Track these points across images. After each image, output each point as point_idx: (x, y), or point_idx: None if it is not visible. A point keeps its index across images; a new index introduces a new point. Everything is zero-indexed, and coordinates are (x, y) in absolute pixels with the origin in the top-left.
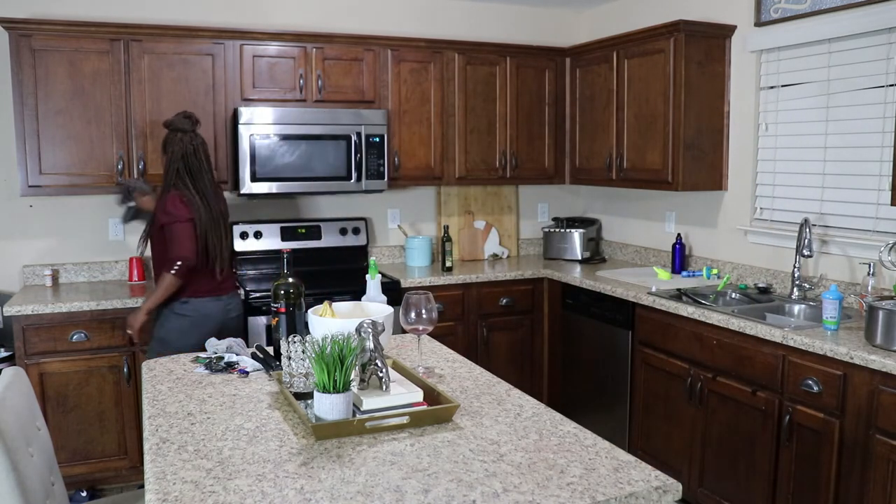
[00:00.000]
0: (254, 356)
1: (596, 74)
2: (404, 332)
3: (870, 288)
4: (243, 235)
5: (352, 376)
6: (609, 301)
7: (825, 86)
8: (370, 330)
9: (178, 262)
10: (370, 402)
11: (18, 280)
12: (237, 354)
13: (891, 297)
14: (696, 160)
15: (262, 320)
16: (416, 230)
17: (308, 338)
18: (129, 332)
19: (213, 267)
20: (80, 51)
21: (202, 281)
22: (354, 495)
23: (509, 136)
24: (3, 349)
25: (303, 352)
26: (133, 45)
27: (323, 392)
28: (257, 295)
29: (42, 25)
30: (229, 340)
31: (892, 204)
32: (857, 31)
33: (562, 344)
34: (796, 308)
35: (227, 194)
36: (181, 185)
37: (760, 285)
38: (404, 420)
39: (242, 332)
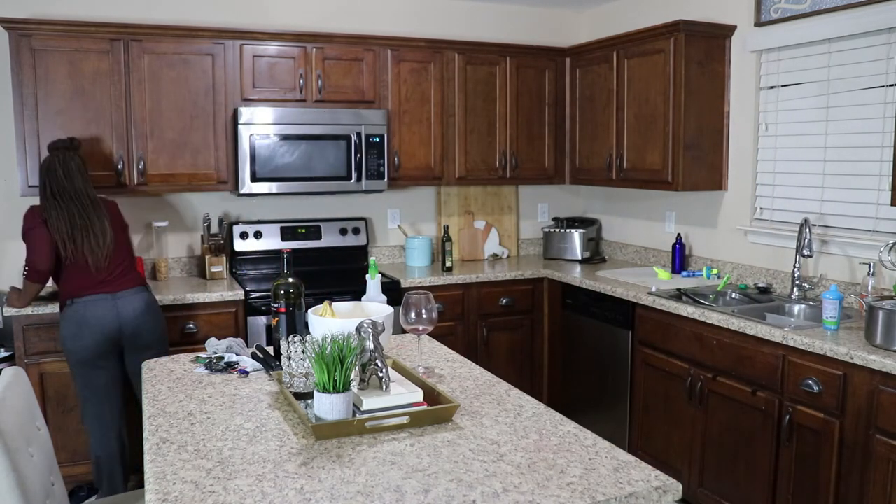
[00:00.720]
0: (254, 356)
1: (596, 74)
2: (404, 332)
3: (870, 288)
4: (243, 235)
5: (352, 376)
6: (609, 301)
7: (825, 86)
8: (370, 330)
9: (26, 267)
10: (370, 402)
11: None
12: (237, 354)
13: (891, 297)
14: (696, 160)
15: (262, 320)
16: (416, 230)
17: (308, 338)
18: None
19: (89, 265)
20: (80, 51)
21: (84, 280)
22: (354, 495)
23: (509, 136)
24: (3, 349)
25: (303, 352)
26: (133, 45)
27: (323, 392)
28: (257, 295)
29: (42, 25)
30: (229, 340)
31: (892, 204)
32: (857, 31)
33: (562, 344)
34: (796, 308)
35: (226, 194)
36: (41, 199)
37: (760, 285)
38: (404, 420)
39: (149, 334)
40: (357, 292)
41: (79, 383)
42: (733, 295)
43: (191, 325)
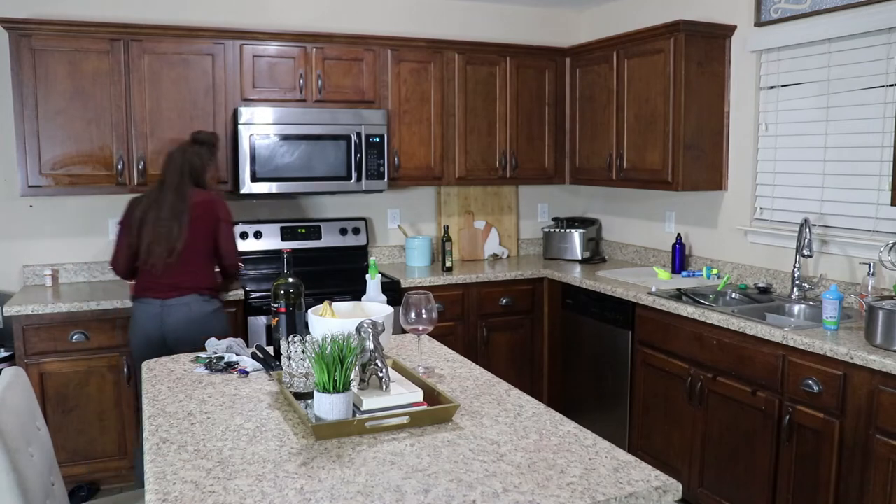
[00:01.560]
0: (254, 356)
1: (596, 74)
2: (404, 332)
3: (870, 288)
4: (243, 235)
5: (352, 376)
6: (609, 301)
7: (825, 86)
8: (370, 330)
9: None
10: (370, 402)
11: (18, 280)
12: (237, 354)
13: (891, 297)
14: (696, 160)
15: (262, 320)
16: (416, 230)
17: (308, 338)
18: None
19: (148, 265)
20: (80, 51)
21: (145, 281)
22: (354, 495)
23: (509, 136)
24: (3, 349)
25: (303, 352)
26: (133, 45)
27: (323, 392)
28: (257, 295)
29: (42, 25)
30: (229, 340)
31: (892, 204)
32: (857, 31)
33: (562, 344)
34: (796, 308)
35: (226, 194)
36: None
37: (760, 285)
38: (404, 420)
39: (191, 346)
40: (357, 292)
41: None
42: (733, 295)
43: None
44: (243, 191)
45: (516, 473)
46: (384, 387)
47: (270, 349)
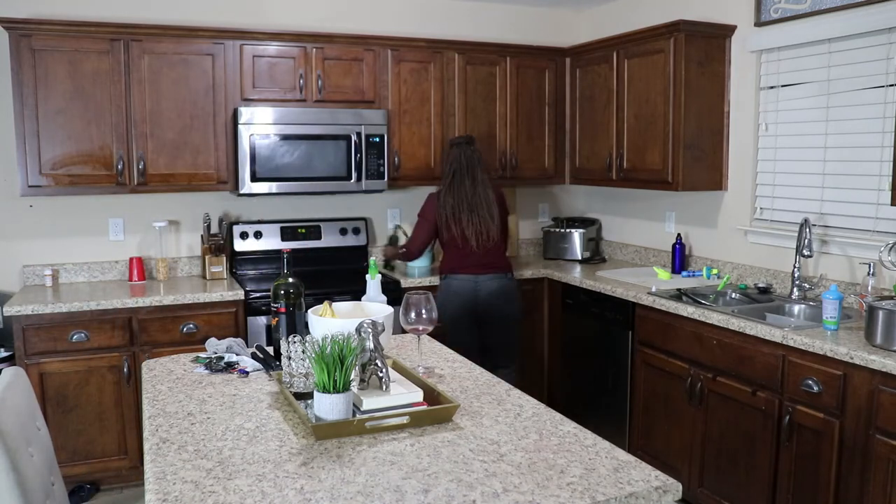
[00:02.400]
0: (254, 356)
1: (596, 74)
2: (404, 332)
3: (870, 288)
4: (243, 235)
5: (352, 376)
6: (609, 301)
7: (825, 86)
8: (370, 330)
9: (404, 249)
10: (370, 402)
11: (18, 280)
12: (237, 354)
13: (891, 297)
14: (696, 160)
15: (262, 320)
16: None
17: (308, 338)
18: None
19: (468, 245)
20: (80, 51)
21: (456, 261)
22: (354, 495)
23: (509, 137)
24: (3, 349)
25: (303, 352)
26: (133, 45)
27: (323, 392)
28: (257, 295)
29: (42, 25)
30: (229, 340)
31: (892, 204)
32: (856, 31)
33: (562, 344)
34: (796, 308)
35: (226, 194)
36: (442, 184)
37: (760, 285)
38: (404, 420)
39: (498, 314)
40: (357, 292)
41: (449, 340)
42: (733, 295)
43: (191, 325)
44: (243, 191)
45: (516, 473)
46: (384, 387)
47: (270, 349)
